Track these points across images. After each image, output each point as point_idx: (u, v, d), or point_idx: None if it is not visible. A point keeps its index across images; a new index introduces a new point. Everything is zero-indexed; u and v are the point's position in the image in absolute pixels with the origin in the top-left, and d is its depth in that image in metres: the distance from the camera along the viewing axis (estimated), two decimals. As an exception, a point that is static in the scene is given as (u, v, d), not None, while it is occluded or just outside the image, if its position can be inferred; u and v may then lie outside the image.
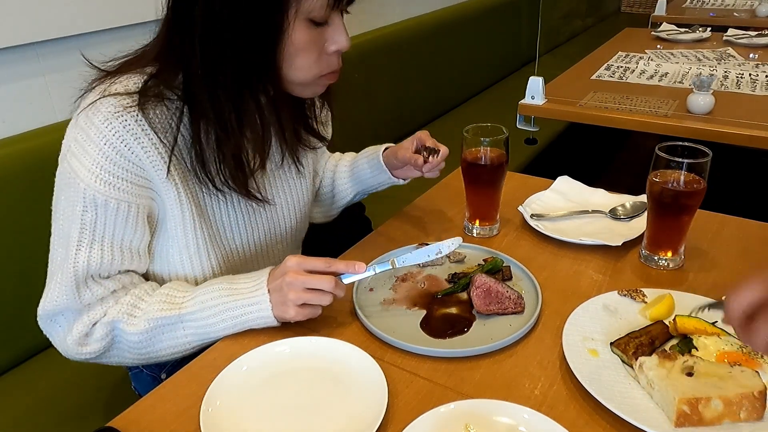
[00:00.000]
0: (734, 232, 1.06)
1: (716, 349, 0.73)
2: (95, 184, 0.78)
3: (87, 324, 0.82)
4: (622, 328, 0.80)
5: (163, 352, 0.85)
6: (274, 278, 0.82)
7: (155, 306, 0.83)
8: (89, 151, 0.78)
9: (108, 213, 0.80)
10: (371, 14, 2.41)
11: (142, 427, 0.70)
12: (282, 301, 0.80)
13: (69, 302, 0.81)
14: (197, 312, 0.82)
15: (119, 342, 0.85)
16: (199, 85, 0.79)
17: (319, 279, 0.80)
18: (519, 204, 1.13)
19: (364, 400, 0.70)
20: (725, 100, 1.70)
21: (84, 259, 0.80)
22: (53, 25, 1.31)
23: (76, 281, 0.81)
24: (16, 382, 1.22)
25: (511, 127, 1.34)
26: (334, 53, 0.85)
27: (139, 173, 0.81)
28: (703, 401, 0.65)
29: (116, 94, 0.79)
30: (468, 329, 0.83)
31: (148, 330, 0.83)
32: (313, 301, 0.81)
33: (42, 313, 0.83)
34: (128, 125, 0.78)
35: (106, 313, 0.83)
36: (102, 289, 0.83)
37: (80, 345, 0.83)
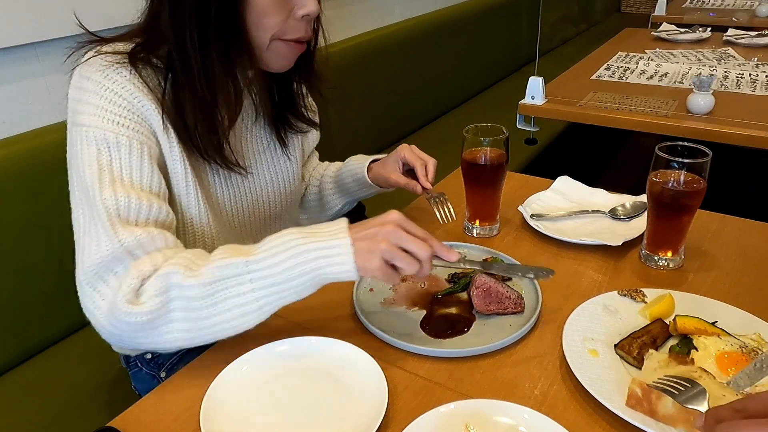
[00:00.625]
0: (734, 232, 1.06)
1: (716, 349, 0.73)
2: (103, 123, 0.78)
3: (136, 276, 0.72)
4: (622, 328, 0.81)
5: (227, 315, 0.72)
6: (365, 227, 0.74)
7: (217, 256, 0.73)
8: (90, 101, 0.79)
9: (122, 152, 0.78)
10: (371, 14, 2.41)
11: (142, 427, 0.70)
12: (370, 249, 0.71)
13: (109, 247, 0.73)
14: (266, 258, 0.71)
15: (176, 302, 0.72)
16: (173, 50, 0.81)
17: (417, 243, 0.73)
18: (519, 204, 1.13)
19: (364, 400, 0.70)
20: (725, 100, 1.70)
21: (111, 196, 0.75)
22: (53, 25, 1.31)
23: (111, 221, 0.74)
24: (16, 382, 1.22)
25: (511, 127, 1.34)
26: (302, 18, 0.84)
27: (142, 117, 0.81)
28: (656, 393, 0.64)
29: (107, 53, 0.81)
30: (468, 329, 0.83)
31: (210, 282, 0.71)
32: (400, 262, 0.72)
33: (83, 277, 0.75)
34: (124, 75, 0.80)
35: (157, 266, 0.73)
36: (142, 233, 0.75)
37: (131, 303, 0.71)
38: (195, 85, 0.82)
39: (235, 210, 0.99)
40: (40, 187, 1.23)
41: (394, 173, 1.07)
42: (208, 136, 0.86)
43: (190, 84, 0.82)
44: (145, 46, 0.83)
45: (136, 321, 0.71)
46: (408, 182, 1.05)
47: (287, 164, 1.06)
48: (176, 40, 0.80)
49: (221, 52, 0.82)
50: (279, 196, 1.06)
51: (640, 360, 0.73)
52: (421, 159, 1.06)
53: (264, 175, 1.02)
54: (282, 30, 0.84)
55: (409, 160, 1.06)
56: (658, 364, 0.70)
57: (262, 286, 0.71)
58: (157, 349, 0.76)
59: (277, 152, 1.04)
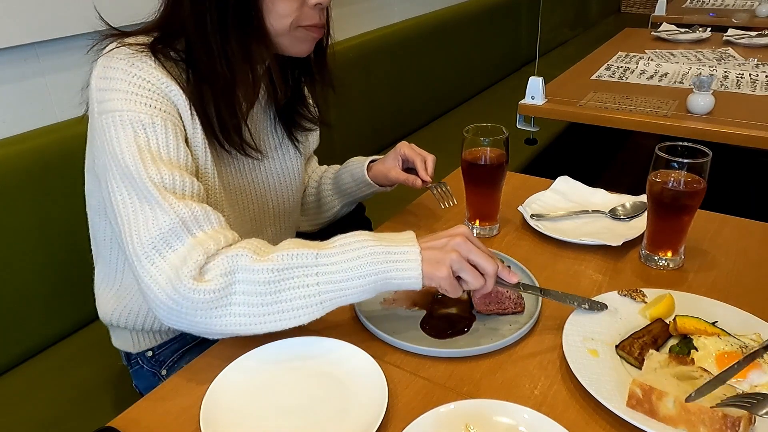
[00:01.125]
0: (734, 232, 1.06)
1: (716, 349, 0.73)
2: (136, 107, 0.78)
3: (202, 253, 0.72)
4: (622, 328, 0.81)
5: (288, 305, 0.72)
6: (434, 237, 0.76)
7: (288, 245, 0.74)
8: (119, 87, 0.79)
9: (158, 132, 0.79)
10: (371, 14, 2.41)
11: (142, 427, 0.70)
12: (439, 259, 0.73)
13: (167, 220, 0.73)
14: (337, 254, 0.73)
15: (239, 286, 0.72)
16: (193, 39, 0.83)
17: (485, 257, 0.75)
18: (519, 204, 1.13)
19: (364, 400, 0.70)
20: (725, 100, 1.70)
21: (156, 173, 0.75)
22: (53, 25, 1.31)
23: (163, 195, 0.74)
24: (17, 381, 1.22)
25: (511, 127, 1.34)
26: (314, 6, 0.86)
27: (169, 100, 0.82)
28: (657, 393, 0.64)
29: (130, 44, 0.82)
30: (468, 329, 0.83)
31: (279, 268, 0.71)
32: (468, 275, 0.74)
33: (141, 250, 0.73)
34: (148, 63, 0.81)
35: (220, 247, 0.73)
36: (196, 206, 0.75)
37: (196, 279, 0.70)
38: (216, 67, 0.83)
39: (246, 203, 1.00)
40: (41, 187, 1.23)
41: (393, 169, 1.08)
42: (228, 119, 0.87)
43: (211, 67, 0.83)
44: (163, 39, 0.85)
45: (200, 298, 0.70)
46: (408, 177, 1.07)
47: (297, 160, 1.07)
48: (197, 25, 0.82)
49: (239, 36, 0.83)
50: (288, 191, 1.08)
51: (642, 360, 0.73)
52: (421, 155, 1.08)
53: (276, 168, 1.04)
54: (298, 18, 0.86)
55: (409, 156, 1.08)
56: (658, 364, 0.70)
57: (328, 281, 0.72)
58: (210, 333, 0.75)
59: (288, 148, 1.06)
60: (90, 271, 1.02)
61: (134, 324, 0.98)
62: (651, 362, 0.71)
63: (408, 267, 0.73)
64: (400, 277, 0.73)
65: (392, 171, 1.08)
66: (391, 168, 1.09)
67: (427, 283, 0.73)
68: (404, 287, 0.74)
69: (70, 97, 1.37)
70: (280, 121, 1.03)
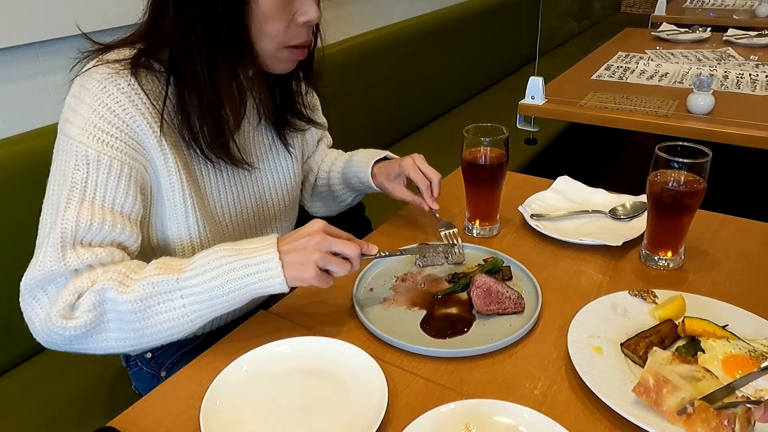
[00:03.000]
0: (734, 232, 1.06)
1: (723, 352, 0.72)
2: (87, 140, 0.78)
3: (73, 292, 0.75)
4: (630, 327, 0.80)
5: (159, 327, 0.76)
6: (293, 239, 0.78)
7: (151, 272, 0.76)
8: (82, 113, 0.79)
9: (100, 170, 0.78)
10: (371, 14, 2.41)
11: (142, 427, 0.70)
12: (303, 261, 0.76)
13: (54, 266, 0.75)
14: (197, 276, 0.75)
15: (108, 316, 0.75)
16: (178, 53, 0.82)
17: (346, 245, 0.78)
18: (519, 204, 1.13)
19: (364, 400, 0.70)
20: (725, 100, 1.70)
21: (72, 218, 0.76)
22: (53, 25, 1.31)
23: (63, 243, 0.76)
24: (17, 382, 1.22)
25: (511, 127, 1.34)
26: (303, 24, 0.85)
27: (132, 136, 0.81)
28: (670, 386, 0.65)
29: (108, 62, 0.81)
30: (468, 329, 0.83)
31: (141, 298, 0.74)
32: (334, 267, 0.78)
33: (24, 286, 0.78)
34: (122, 87, 0.80)
35: (95, 281, 0.75)
36: (90, 256, 0.76)
37: (65, 317, 0.74)
38: (200, 86, 0.82)
39: (239, 210, 0.99)
40: (41, 187, 1.22)
41: (397, 189, 1.07)
42: (214, 138, 0.86)
43: (195, 85, 0.82)
44: (147, 50, 0.83)
45: (70, 334, 0.74)
46: (414, 198, 1.06)
47: (290, 162, 1.06)
48: (181, 41, 0.81)
49: (225, 55, 0.82)
50: (282, 194, 1.07)
51: (646, 359, 0.73)
52: (425, 178, 1.05)
53: (268, 173, 1.03)
54: (285, 38, 0.85)
55: (413, 179, 1.05)
56: (662, 361, 0.70)
57: (194, 302, 0.75)
58: (96, 353, 0.80)
59: (279, 151, 1.04)
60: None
61: None
62: (655, 359, 0.71)
63: (270, 275, 0.75)
64: (264, 286, 0.76)
65: (396, 191, 1.07)
66: (395, 188, 1.08)
67: (294, 284, 0.77)
68: (270, 292, 0.77)
69: (70, 97, 1.37)
70: (269, 123, 1.02)
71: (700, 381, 0.67)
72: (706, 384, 0.67)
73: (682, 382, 0.67)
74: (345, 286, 0.90)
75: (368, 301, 0.90)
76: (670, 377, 0.67)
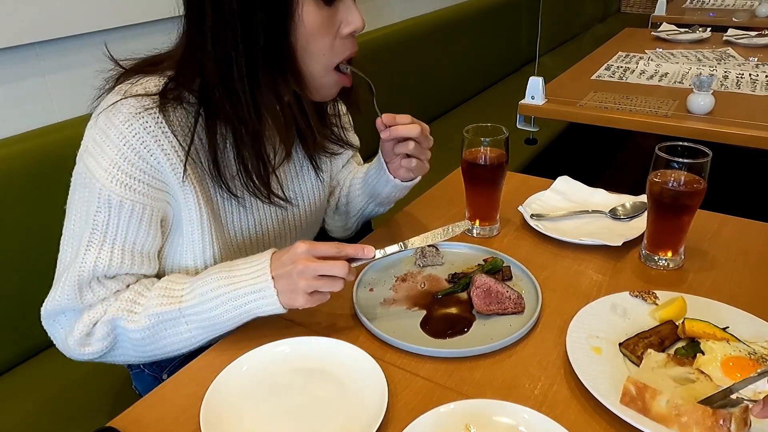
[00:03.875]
0: (734, 232, 1.06)
1: (723, 354, 0.72)
2: (111, 184, 0.78)
3: (88, 324, 0.81)
4: (630, 328, 0.80)
5: (168, 348, 0.83)
6: (281, 264, 0.78)
7: (154, 301, 0.80)
8: (107, 152, 0.78)
9: (122, 215, 0.79)
10: (371, 14, 2.41)
11: (142, 427, 0.70)
12: (291, 289, 0.77)
13: (70, 302, 0.80)
14: (198, 305, 0.79)
15: (122, 340, 0.83)
16: (215, 82, 0.79)
17: (332, 265, 0.77)
18: (519, 204, 1.13)
19: (364, 400, 0.70)
20: (725, 100, 1.70)
21: (91, 261, 0.80)
22: (53, 25, 1.31)
23: (80, 283, 0.80)
24: (17, 382, 1.22)
25: (511, 127, 1.34)
26: (348, 36, 0.83)
27: (156, 176, 0.81)
28: (651, 391, 0.65)
29: (137, 95, 0.79)
30: (468, 329, 0.83)
31: (149, 326, 0.80)
32: (324, 288, 0.77)
33: (44, 313, 0.83)
34: (148, 126, 0.78)
35: (107, 311, 0.81)
36: (104, 290, 0.81)
37: (82, 345, 0.81)
38: (242, 115, 0.80)
39: (260, 236, 0.97)
40: (40, 187, 1.23)
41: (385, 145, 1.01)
42: (257, 169, 0.85)
43: (236, 114, 0.80)
44: (178, 80, 0.81)
45: (90, 358, 0.83)
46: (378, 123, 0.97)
47: (318, 187, 1.04)
48: (220, 70, 0.78)
49: (270, 81, 0.80)
50: (306, 216, 1.05)
51: None
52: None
53: (297, 199, 1.01)
54: (332, 56, 0.82)
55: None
56: (656, 363, 0.70)
57: (197, 327, 0.81)
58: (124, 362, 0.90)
59: (310, 176, 1.02)
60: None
61: None
62: (649, 361, 0.71)
63: (267, 303, 0.78)
64: (263, 312, 0.79)
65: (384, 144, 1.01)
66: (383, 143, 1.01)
67: (290, 308, 0.79)
68: (271, 314, 0.80)
69: (71, 97, 1.37)
70: (301, 148, 0.99)
71: (694, 383, 0.67)
72: (699, 386, 0.67)
73: (670, 384, 0.67)
74: (345, 287, 0.90)
75: (368, 301, 0.90)
76: (662, 380, 0.67)
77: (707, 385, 0.67)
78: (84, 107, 0.85)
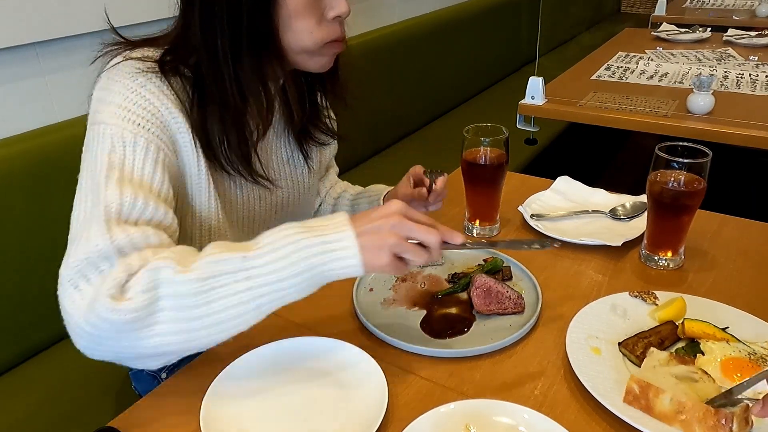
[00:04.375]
0: (734, 232, 1.06)
1: (723, 355, 0.73)
2: (122, 123, 0.75)
3: (124, 271, 0.66)
4: (629, 329, 0.80)
5: (218, 316, 0.66)
6: (368, 219, 0.69)
7: (210, 250, 0.68)
8: (114, 100, 0.77)
9: (137, 152, 0.75)
10: (371, 14, 2.41)
11: (142, 427, 0.70)
12: (378, 245, 0.67)
13: (100, 244, 0.67)
14: (265, 255, 0.66)
15: (164, 301, 0.65)
16: (203, 61, 0.80)
17: (426, 231, 0.69)
18: (519, 204, 1.13)
19: (364, 400, 0.70)
20: (725, 100, 1.70)
21: (115, 194, 0.71)
22: (53, 25, 1.31)
23: (107, 219, 0.70)
24: (17, 382, 1.22)
25: (511, 127, 1.34)
26: (334, 19, 0.83)
27: (164, 125, 0.79)
28: (654, 390, 0.65)
29: (137, 59, 0.80)
30: (468, 329, 0.83)
31: (203, 277, 0.65)
32: (412, 255, 0.69)
33: (66, 273, 0.69)
34: (151, 80, 0.78)
35: (147, 261, 0.67)
36: (138, 234, 0.69)
37: (115, 298, 0.64)
38: (226, 94, 0.80)
39: (249, 221, 0.97)
40: (40, 187, 1.23)
41: (402, 187, 1.05)
42: (237, 149, 0.84)
43: (221, 93, 0.80)
44: (175, 54, 0.81)
45: (120, 318, 0.63)
46: (414, 190, 1.02)
47: (308, 176, 1.04)
48: (206, 48, 0.79)
49: (253, 60, 0.80)
50: (295, 204, 1.04)
51: (643, 359, 0.73)
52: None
53: (285, 186, 1.01)
54: (321, 34, 0.82)
55: (419, 171, 1.03)
56: (658, 362, 0.70)
57: (261, 284, 0.66)
58: (138, 358, 0.69)
59: (299, 164, 1.02)
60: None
61: None
62: (651, 360, 0.71)
63: (345, 255, 0.67)
64: (338, 267, 0.67)
65: (400, 189, 1.04)
66: (401, 187, 1.05)
67: (368, 271, 0.68)
68: (345, 276, 0.68)
69: (71, 97, 1.37)
70: (292, 134, 0.99)
71: (697, 382, 0.67)
72: (702, 386, 0.67)
73: (672, 382, 0.67)
74: (345, 286, 0.90)
75: (368, 301, 0.90)
76: (664, 378, 0.67)
77: (709, 385, 0.67)
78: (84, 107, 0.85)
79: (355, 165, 2.18)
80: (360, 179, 1.26)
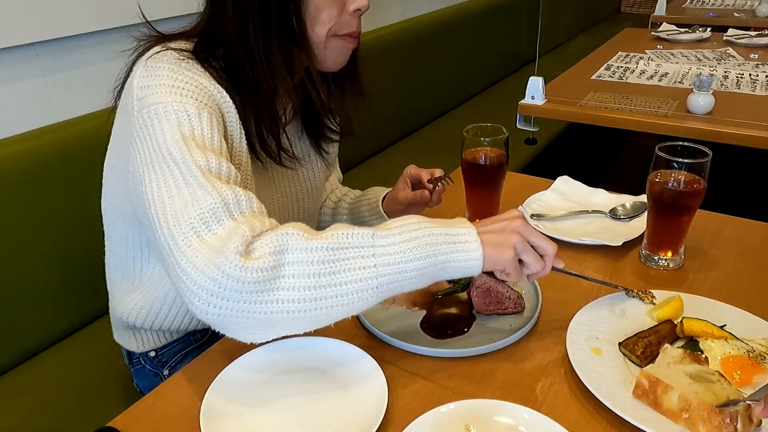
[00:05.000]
0: (734, 232, 1.06)
1: (722, 353, 0.73)
2: (182, 98, 0.75)
3: (249, 231, 0.65)
4: (629, 328, 0.80)
5: (342, 288, 0.65)
6: (490, 221, 0.75)
7: (338, 226, 0.69)
8: (165, 82, 0.77)
9: (203, 123, 0.75)
10: (371, 14, 2.40)
11: (142, 427, 0.71)
12: (501, 242, 0.71)
13: (209, 200, 0.67)
14: (394, 235, 0.68)
15: (290, 267, 0.65)
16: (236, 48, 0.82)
17: (546, 240, 0.75)
18: (519, 204, 1.13)
19: (364, 400, 0.71)
20: (725, 100, 1.70)
21: (202, 159, 0.71)
22: (53, 25, 1.31)
23: (207, 177, 0.69)
24: (17, 382, 1.22)
25: (511, 127, 1.34)
26: (354, 13, 0.87)
27: (215, 103, 0.80)
28: (663, 386, 0.65)
29: (176, 49, 0.81)
30: (468, 329, 0.83)
31: (333, 247, 0.66)
32: (530, 257, 0.73)
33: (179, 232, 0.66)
34: (195, 66, 0.80)
35: (273, 226, 0.68)
36: (241, 190, 0.70)
37: (242, 255, 0.63)
38: (258, 76, 0.83)
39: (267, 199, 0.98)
40: (40, 187, 1.23)
41: (401, 191, 1.06)
42: (269, 129, 0.87)
43: (254, 75, 0.83)
44: (204, 46, 0.84)
45: (247, 277, 0.62)
46: (415, 193, 1.04)
47: (321, 170, 1.08)
48: (239, 33, 0.82)
49: (282, 45, 0.83)
50: (311, 199, 1.07)
51: (644, 359, 0.73)
52: (427, 170, 1.06)
53: (302, 177, 1.04)
54: (337, 26, 0.86)
55: (414, 173, 1.05)
56: (672, 359, 0.70)
57: (386, 263, 0.67)
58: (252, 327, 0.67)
59: (313, 157, 1.05)
60: (90, 271, 1.03)
61: (143, 323, 0.98)
62: (665, 356, 0.71)
63: (468, 248, 0.70)
64: (460, 259, 0.70)
65: (400, 193, 1.06)
66: (399, 190, 1.06)
67: (489, 266, 0.71)
68: (463, 271, 0.71)
69: (71, 97, 1.37)
70: (306, 131, 1.03)
71: (714, 384, 0.67)
72: (719, 387, 0.66)
73: (686, 381, 0.67)
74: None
75: (368, 301, 0.90)
76: (677, 376, 0.67)
77: (727, 388, 0.67)
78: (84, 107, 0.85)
79: (355, 165, 2.18)
80: (360, 179, 1.26)
